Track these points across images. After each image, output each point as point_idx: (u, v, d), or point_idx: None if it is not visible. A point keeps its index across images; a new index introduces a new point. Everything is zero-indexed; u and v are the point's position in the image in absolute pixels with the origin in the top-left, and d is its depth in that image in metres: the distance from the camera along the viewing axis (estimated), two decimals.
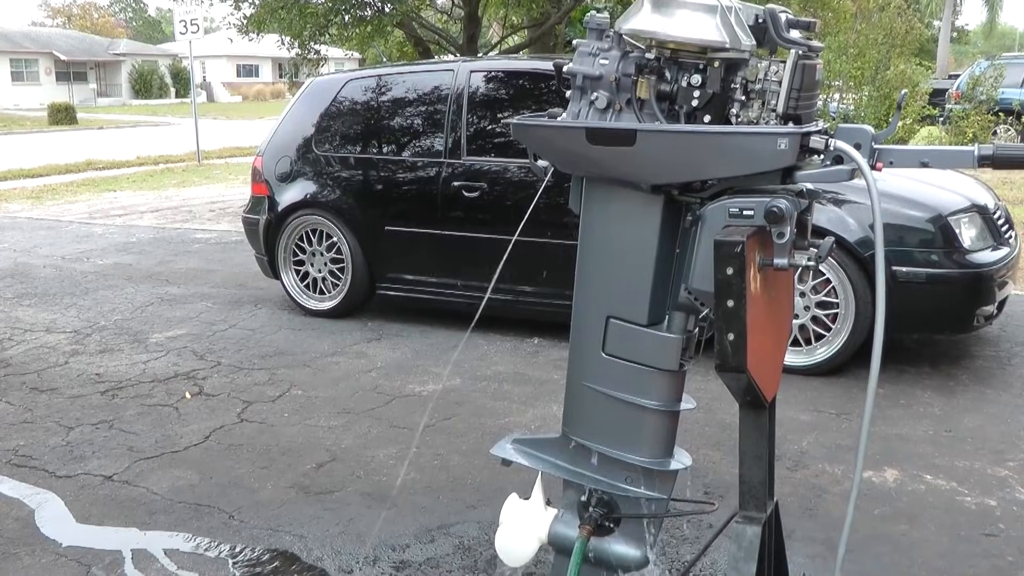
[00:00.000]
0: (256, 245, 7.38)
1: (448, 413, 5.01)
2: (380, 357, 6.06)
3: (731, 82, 2.05)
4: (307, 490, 4.13)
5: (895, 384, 5.33)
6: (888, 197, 5.16)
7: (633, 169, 2.11)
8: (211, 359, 6.05)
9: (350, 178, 6.94)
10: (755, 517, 2.24)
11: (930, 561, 3.46)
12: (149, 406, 5.18)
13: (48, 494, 4.13)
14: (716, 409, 4.80)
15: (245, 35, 15.72)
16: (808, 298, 5.44)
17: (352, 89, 7.12)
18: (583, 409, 2.38)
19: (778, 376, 2.31)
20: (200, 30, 19.98)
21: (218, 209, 13.57)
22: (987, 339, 6.20)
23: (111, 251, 10.11)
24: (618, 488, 2.35)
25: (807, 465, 4.31)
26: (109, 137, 30.07)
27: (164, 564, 3.52)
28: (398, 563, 3.49)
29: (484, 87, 6.66)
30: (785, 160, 1.97)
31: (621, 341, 2.26)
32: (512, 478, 3.85)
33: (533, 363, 5.89)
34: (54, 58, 56.95)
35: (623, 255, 2.22)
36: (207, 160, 21.32)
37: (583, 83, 2.17)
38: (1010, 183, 12.79)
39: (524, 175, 6.14)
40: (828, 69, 14.87)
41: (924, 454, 4.42)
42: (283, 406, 5.17)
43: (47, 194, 15.51)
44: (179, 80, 62.20)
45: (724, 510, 2.80)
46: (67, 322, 7.04)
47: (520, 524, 2.52)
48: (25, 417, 5.04)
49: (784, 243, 1.98)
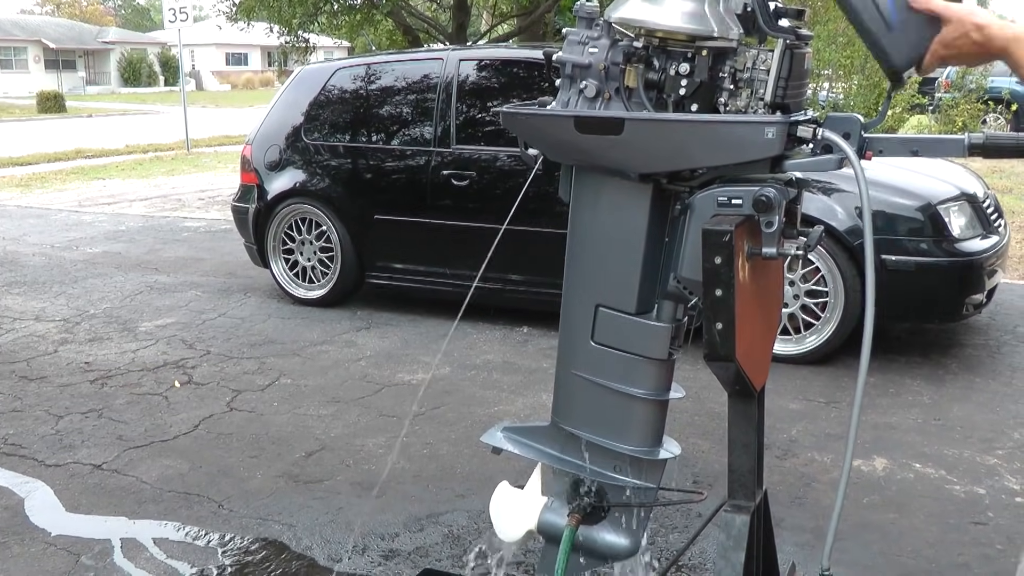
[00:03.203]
0: (245, 234, 7.36)
1: (437, 402, 5.01)
2: (369, 346, 6.06)
3: (719, 71, 2.04)
4: (296, 479, 4.12)
5: (884, 373, 5.34)
6: (877, 186, 5.17)
7: (621, 157, 2.11)
8: (200, 348, 6.04)
9: (339, 167, 6.92)
10: (744, 506, 2.24)
11: (919, 549, 3.48)
12: (138, 395, 5.17)
13: (37, 483, 4.12)
14: (705, 398, 4.81)
15: (234, 23, 15.68)
16: (797, 287, 5.44)
17: (341, 77, 7.10)
18: (572, 398, 2.38)
19: (767, 365, 2.31)
20: (189, 18, 19.90)
21: (207, 197, 13.53)
22: (976, 328, 6.21)
23: (100, 239, 10.07)
24: (607, 477, 2.35)
25: (796, 454, 4.32)
26: (98, 125, 29.95)
27: (153, 553, 3.52)
28: (387, 552, 3.50)
29: (474, 76, 6.64)
30: (773, 149, 1.97)
31: (610, 330, 2.26)
32: (503, 467, 3.86)
33: (522, 352, 5.89)
34: (43, 46, 56.72)
35: (612, 244, 2.22)
36: (196, 148, 21.25)
37: (572, 71, 2.16)
38: (999, 172, 12.82)
39: (513, 164, 6.13)
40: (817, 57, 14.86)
41: (913, 442, 4.44)
42: (272, 395, 5.16)
43: (36, 182, 15.45)
44: (168, 68, 61.99)
45: (713, 499, 2.80)
46: (56, 310, 7.02)
47: (511, 511, 2.52)
48: (14, 406, 5.02)
49: (772, 232, 1.98)
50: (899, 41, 1.84)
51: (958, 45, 1.77)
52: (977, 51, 1.75)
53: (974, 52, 1.76)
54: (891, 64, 1.86)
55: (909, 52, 1.84)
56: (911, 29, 1.82)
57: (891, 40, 1.84)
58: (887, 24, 1.83)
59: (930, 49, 1.81)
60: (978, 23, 1.72)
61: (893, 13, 1.82)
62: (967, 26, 1.73)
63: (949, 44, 1.77)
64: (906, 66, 1.86)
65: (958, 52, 1.78)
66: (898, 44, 1.84)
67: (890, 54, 1.85)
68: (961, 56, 1.79)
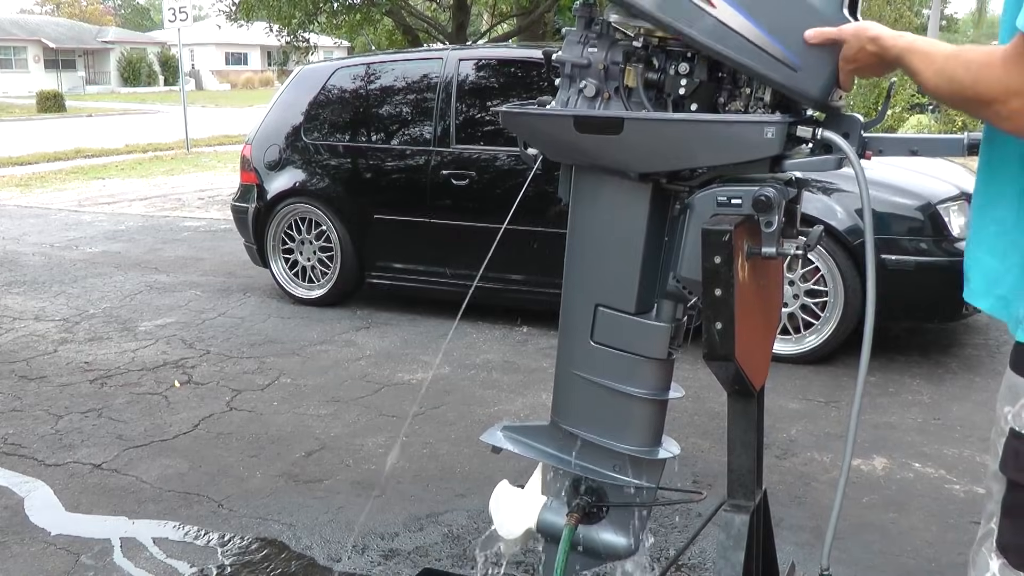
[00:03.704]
0: (245, 233, 7.36)
1: (437, 401, 5.01)
2: (369, 345, 6.06)
3: (719, 70, 2.04)
4: (296, 478, 4.12)
5: (884, 372, 5.34)
6: (877, 185, 5.16)
7: (621, 157, 2.11)
8: (200, 347, 6.04)
9: (339, 166, 6.92)
10: (743, 505, 2.24)
11: (918, 549, 3.48)
12: (138, 394, 5.17)
13: (37, 482, 4.12)
14: (705, 398, 4.81)
15: (234, 22, 15.67)
16: (797, 286, 5.44)
17: (341, 77, 7.10)
18: (572, 397, 2.38)
19: (767, 364, 2.31)
20: (189, 18, 19.90)
21: (207, 197, 13.53)
22: (976, 327, 6.22)
23: (100, 239, 10.07)
24: (606, 476, 2.35)
25: (796, 453, 4.32)
26: (98, 125, 29.96)
27: (153, 552, 3.52)
28: (387, 551, 3.49)
29: (473, 75, 6.64)
30: (772, 149, 1.97)
31: (609, 329, 2.25)
32: (502, 466, 3.86)
33: (522, 351, 5.89)
34: (42, 46, 56.72)
35: (611, 244, 2.22)
36: (196, 148, 21.26)
37: (572, 71, 2.16)
38: None
39: (513, 163, 6.13)
40: None
41: (913, 442, 4.44)
42: (272, 394, 5.16)
43: (36, 182, 15.45)
44: (168, 68, 62.02)
45: (712, 499, 2.80)
46: (56, 310, 7.02)
47: (511, 509, 2.52)
48: (14, 405, 5.02)
49: (772, 232, 1.98)
50: (809, 76, 1.88)
51: (859, 59, 1.82)
52: (876, 61, 1.80)
53: (874, 63, 1.81)
54: (811, 98, 1.91)
55: (823, 82, 1.88)
56: (816, 61, 1.86)
57: (801, 79, 1.89)
58: (790, 67, 1.88)
59: (839, 68, 1.86)
60: (872, 36, 1.77)
61: (792, 56, 1.87)
62: (862, 40, 1.79)
63: (851, 59, 1.83)
64: (826, 95, 1.90)
65: (861, 65, 1.83)
66: (810, 79, 1.88)
67: (806, 91, 1.90)
68: (865, 68, 1.84)
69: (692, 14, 1.91)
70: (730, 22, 1.90)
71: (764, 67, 1.89)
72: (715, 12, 1.90)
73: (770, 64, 1.89)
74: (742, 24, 1.90)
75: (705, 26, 1.91)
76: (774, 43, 1.88)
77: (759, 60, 1.90)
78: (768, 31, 1.88)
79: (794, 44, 1.87)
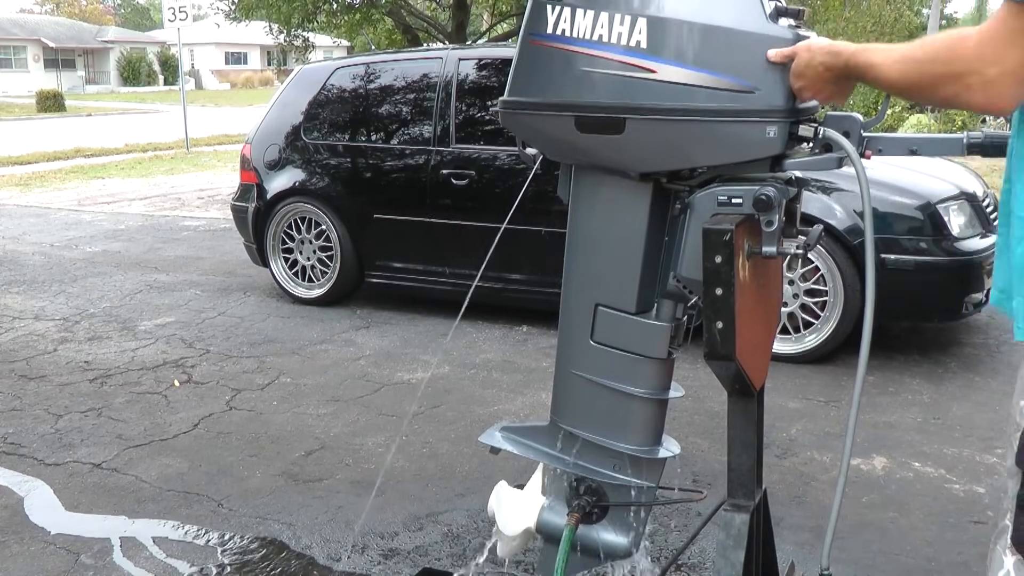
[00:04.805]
0: (245, 233, 7.36)
1: (437, 401, 5.00)
2: (369, 345, 6.06)
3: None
4: (296, 478, 4.12)
5: (884, 371, 5.34)
6: (877, 185, 5.16)
7: (621, 157, 2.11)
8: (200, 347, 6.04)
9: (339, 166, 6.92)
10: (743, 505, 2.24)
11: (918, 548, 3.47)
12: (138, 394, 5.17)
13: (37, 482, 4.11)
14: (704, 397, 4.81)
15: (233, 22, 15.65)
16: (797, 286, 5.44)
17: (341, 77, 7.10)
18: (571, 397, 2.38)
19: (767, 364, 2.31)
20: (188, 17, 19.92)
21: (207, 197, 13.53)
22: (976, 327, 6.22)
23: (99, 238, 10.07)
24: (606, 476, 2.35)
25: (795, 453, 4.32)
26: (97, 124, 29.95)
27: (152, 552, 3.52)
28: (387, 551, 3.49)
29: (473, 75, 6.64)
30: (774, 148, 1.97)
31: (609, 329, 2.26)
32: (502, 466, 3.86)
33: (522, 351, 5.89)
34: (42, 45, 56.72)
35: (611, 243, 2.22)
36: (195, 147, 21.26)
37: None
38: (998, 171, 12.69)
39: (513, 163, 6.13)
40: None
41: (912, 441, 4.43)
42: (272, 394, 5.16)
43: (35, 181, 15.44)
44: (167, 67, 62.04)
45: (712, 498, 2.80)
46: (56, 309, 7.02)
47: (511, 508, 2.52)
48: (14, 405, 5.02)
49: (772, 231, 1.98)
50: (768, 95, 1.93)
51: (808, 74, 1.87)
52: (823, 72, 1.84)
53: (822, 74, 1.85)
54: (781, 109, 1.95)
55: (783, 95, 1.94)
56: (772, 79, 1.92)
57: (760, 98, 1.94)
58: (747, 91, 1.93)
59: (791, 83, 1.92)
60: (820, 45, 1.84)
61: (746, 81, 1.93)
62: (813, 52, 1.84)
63: (800, 74, 1.88)
64: (791, 101, 1.95)
65: (808, 81, 1.88)
66: (769, 97, 1.93)
67: (772, 105, 1.94)
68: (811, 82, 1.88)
69: (639, 87, 1.99)
70: (676, 79, 1.96)
71: (719, 103, 1.95)
72: (658, 76, 1.97)
73: (721, 98, 1.95)
74: (688, 75, 1.96)
75: (659, 91, 1.98)
76: (725, 78, 1.94)
77: (719, 100, 1.95)
78: (713, 71, 1.94)
79: (742, 71, 1.93)
